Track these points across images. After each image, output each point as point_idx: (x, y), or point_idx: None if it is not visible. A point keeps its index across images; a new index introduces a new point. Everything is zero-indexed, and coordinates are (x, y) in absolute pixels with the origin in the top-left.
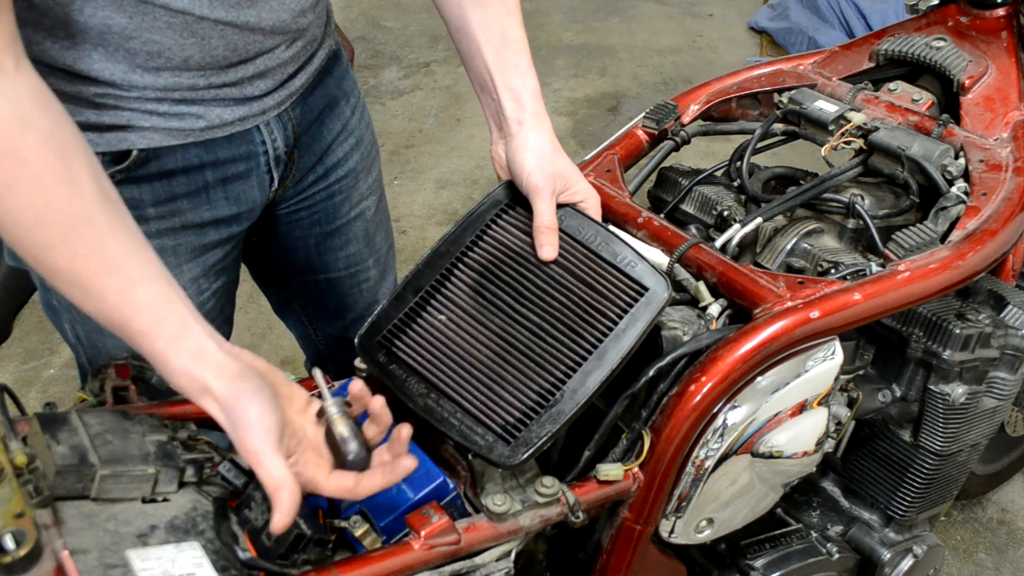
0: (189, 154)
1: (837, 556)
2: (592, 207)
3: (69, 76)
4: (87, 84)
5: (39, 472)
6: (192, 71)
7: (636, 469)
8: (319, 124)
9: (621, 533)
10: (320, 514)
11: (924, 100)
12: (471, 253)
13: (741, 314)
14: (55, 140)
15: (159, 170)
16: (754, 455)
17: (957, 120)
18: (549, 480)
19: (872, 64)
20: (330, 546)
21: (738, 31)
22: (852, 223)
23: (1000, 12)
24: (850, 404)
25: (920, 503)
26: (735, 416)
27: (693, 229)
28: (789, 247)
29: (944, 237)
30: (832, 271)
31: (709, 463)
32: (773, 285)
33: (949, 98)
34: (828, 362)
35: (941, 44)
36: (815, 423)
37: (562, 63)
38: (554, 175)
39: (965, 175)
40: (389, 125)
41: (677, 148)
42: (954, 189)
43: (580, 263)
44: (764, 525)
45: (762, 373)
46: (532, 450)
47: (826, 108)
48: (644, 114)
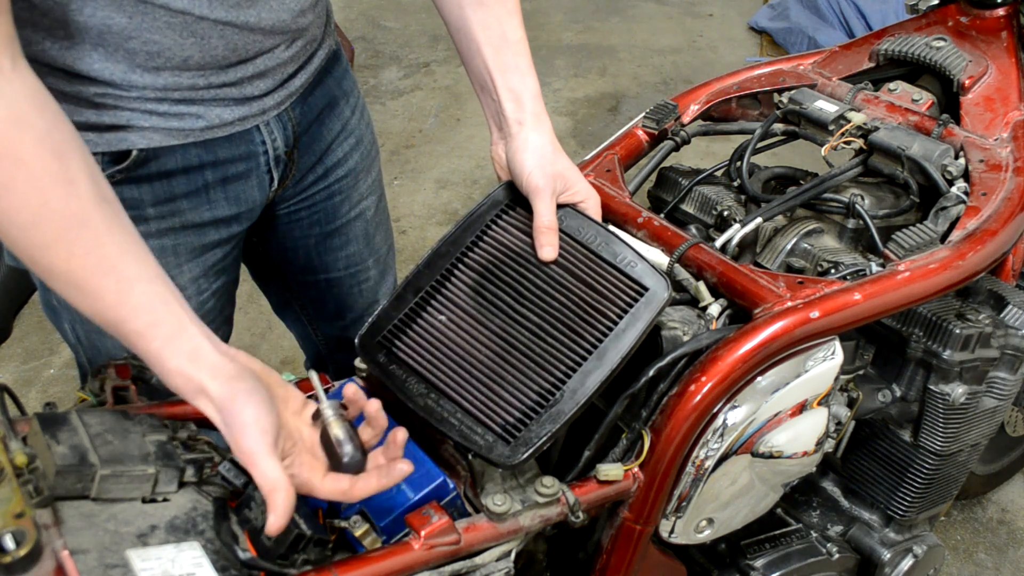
0: (189, 154)
1: (837, 556)
2: (592, 207)
3: (69, 76)
4: (87, 84)
5: (39, 472)
6: (192, 71)
7: (636, 469)
8: (319, 124)
9: (621, 533)
10: (320, 514)
11: (924, 100)
12: (471, 253)
13: (741, 314)
14: (52, 140)
15: (159, 170)
16: (754, 455)
17: (957, 120)
18: (549, 480)
19: (872, 64)
20: (330, 546)
21: (738, 31)
22: (852, 223)
23: (1000, 12)
24: (850, 404)
25: (920, 503)
26: (735, 416)
27: (693, 229)
28: (789, 247)
29: (944, 237)
30: (832, 271)
31: (709, 463)
32: (773, 285)
33: (949, 98)
34: (828, 362)
35: (941, 44)
36: (815, 423)
37: (562, 63)
38: (554, 175)
39: (965, 175)
40: (389, 125)
41: (677, 148)
42: (954, 189)
43: (580, 263)
44: (764, 525)
45: (762, 373)
46: (532, 450)
47: (826, 108)
48: (644, 114)
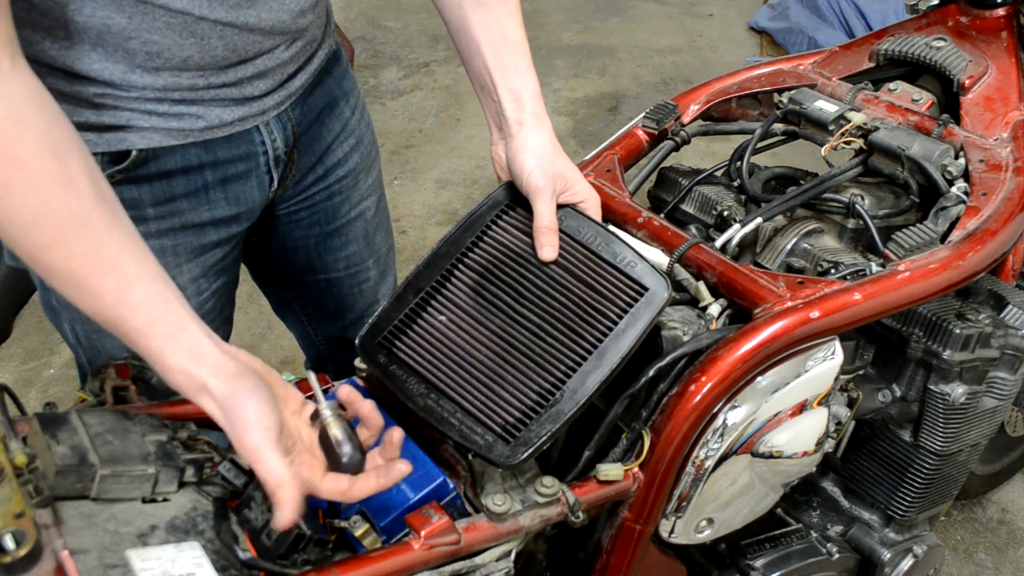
0: (188, 154)
1: (837, 556)
2: (592, 207)
3: (68, 76)
4: (86, 84)
5: (39, 472)
6: (191, 71)
7: (636, 469)
8: (319, 124)
9: (621, 533)
10: (320, 514)
11: (924, 100)
12: (471, 254)
13: (741, 314)
14: (51, 140)
15: (158, 170)
16: (754, 455)
17: (957, 120)
18: (549, 480)
19: (872, 64)
20: (330, 546)
21: (738, 31)
22: (852, 223)
23: (1000, 12)
24: (850, 404)
25: (920, 503)
26: (735, 416)
27: (693, 229)
28: (789, 247)
29: (944, 237)
30: (832, 271)
31: (709, 463)
32: (773, 285)
33: (949, 98)
34: (828, 362)
35: (941, 44)
36: (815, 423)
37: (562, 63)
38: (554, 175)
39: (965, 175)
40: (389, 125)
41: (677, 148)
42: (954, 189)
43: (580, 263)
44: (764, 525)
45: (762, 373)
46: (532, 450)
47: (826, 108)
48: (644, 114)
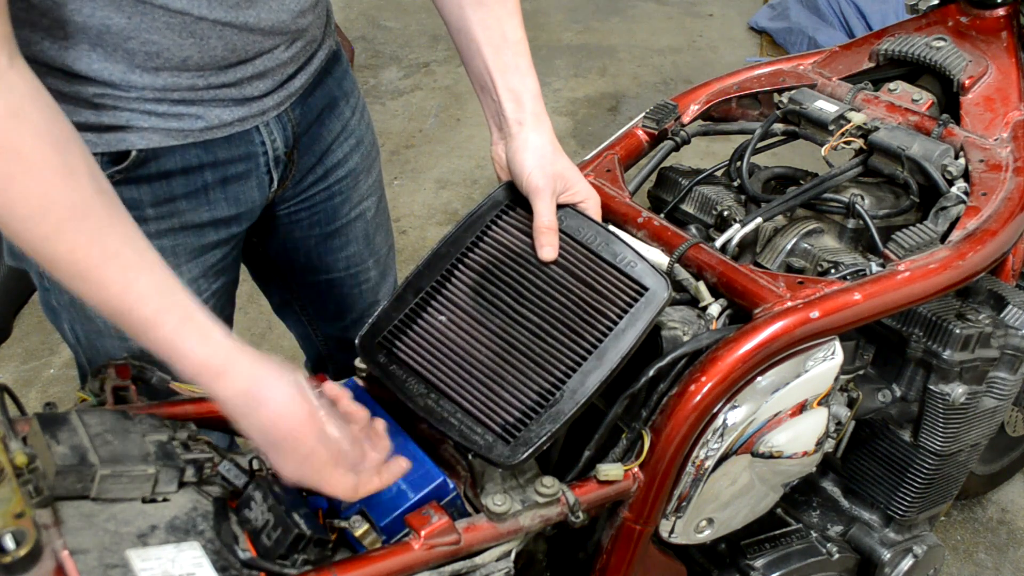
0: (188, 155)
1: (837, 556)
2: (592, 207)
3: (67, 76)
4: (86, 84)
5: (39, 472)
6: (191, 71)
7: (636, 469)
8: (319, 125)
9: (621, 533)
10: (320, 514)
11: (924, 100)
12: (471, 254)
13: (741, 314)
14: (51, 134)
15: (158, 171)
16: (754, 455)
17: (957, 120)
18: (549, 480)
19: (872, 64)
20: (330, 546)
21: (738, 31)
22: (852, 223)
23: (1000, 12)
24: (850, 404)
25: (920, 503)
26: (735, 416)
27: (693, 229)
28: (789, 247)
29: (944, 237)
30: (832, 271)
31: (709, 463)
32: (773, 285)
33: (949, 98)
34: (828, 362)
35: (941, 44)
36: (815, 423)
37: (562, 63)
38: (554, 175)
39: (965, 175)
40: (389, 125)
41: (677, 148)
42: (954, 189)
43: (580, 263)
44: (764, 525)
45: (762, 373)
46: (532, 450)
47: (826, 108)
48: (644, 114)
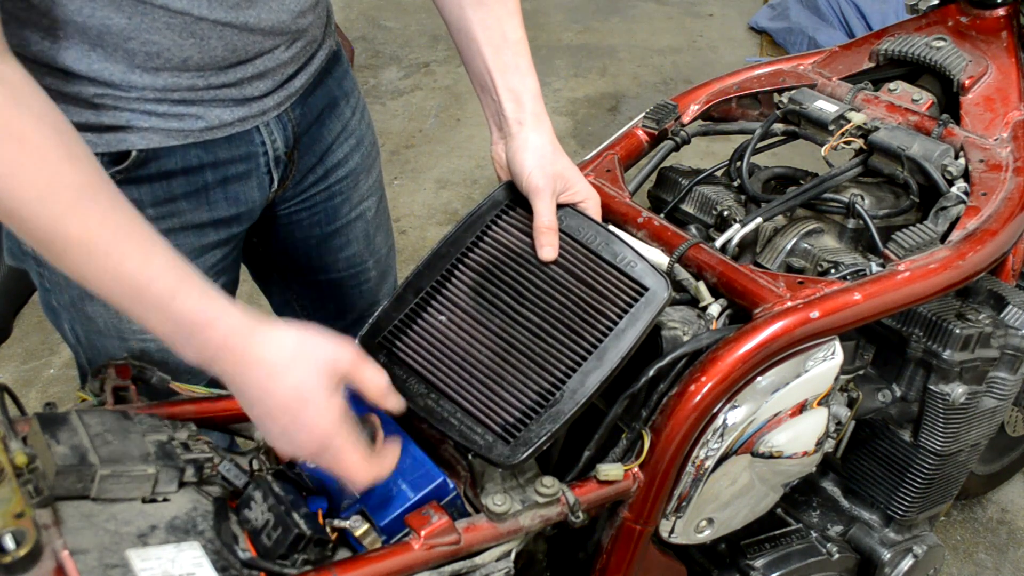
0: (189, 155)
1: (837, 556)
2: (592, 207)
3: (68, 76)
4: (86, 84)
5: (39, 472)
6: (191, 72)
7: (636, 469)
8: (319, 125)
9: (621, 533)
10: (320, 514)
11: (924, 100)
12: (471, 254)
13: (741, 314)
14: (50, 120)
15: (158, 171)
16: (754, 455)
17: (957, 120)
18: (549, 480)
19: (872, 64)
20: (330, 546)
21: (738, 31)
22: (852, 223)
23: (1000, 12)
24: (850, 404)
25: (920, 503)
26: (735, 416)
27: (693, 229)
28: (789, 247)
29: (944, 237)
30: (832, 271)
31: (709, 463)
32: (773, 285)
33: (949, 98)
34: (828, 362)
35: (941, 44)
36: (815, 423)
37: (562, 63)
38: (554, 175)
39: (965, 175)
40: (389, 125)
41: (677, 148)
42: (954, 189)
43: (580, 263)
44: (764, 525)
45: (762, 373)
46: (532, 450)
47: (826, 108)
48: (644, 114)
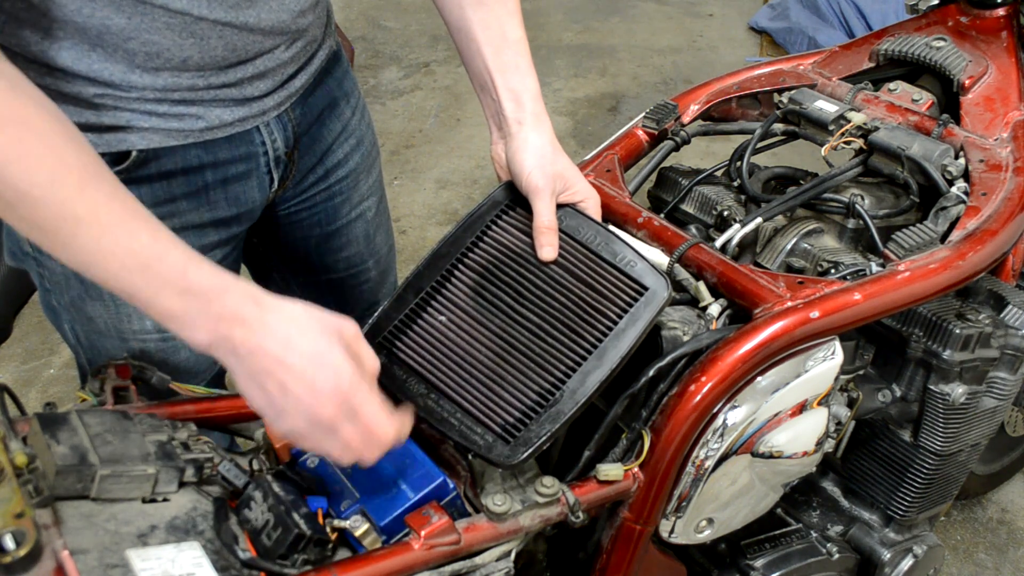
0: (189, 155)
1: (837, 556)
2: (592, 207)
3: (68, 76)
4: (86, 84)
5: (39, 472)
6: (191, 71)
7: (636, 469)
8: (319, 125)
9: (621, 533)
10: (320, 514)
11: (924, 100)
12: (471, 254)
13: (741, 314)
14: (47, 106)
15: (159, 171)
16: (754, 455)
17: (957, 120)
18: (549, 480)
19: (872, 64)
20: (330, 546)
21: (738, 31)
22: (852, 223)
23: (1000, 12)
24: (850, 404)
25: (920, 503)
26: (735, 416)
27: (693, 229)
28: (789, 247)
29: (944, 237)
30: (832, 271)
31: (709, 463)
32: (773, 285)
33: (949, 98)
34: (828, 362)
35: (941, 44)
36: (815, 423)
37: (562, 63)
38: (554, 175)
39: (965, 175)
40: (389, 125)
41: (677, 148)
42: (954, 189)
43: (580, 263)
44: (764, 525)
45: (762, 373)
46: (532, 450)
47: (826, 108)
48: (644, 114)
